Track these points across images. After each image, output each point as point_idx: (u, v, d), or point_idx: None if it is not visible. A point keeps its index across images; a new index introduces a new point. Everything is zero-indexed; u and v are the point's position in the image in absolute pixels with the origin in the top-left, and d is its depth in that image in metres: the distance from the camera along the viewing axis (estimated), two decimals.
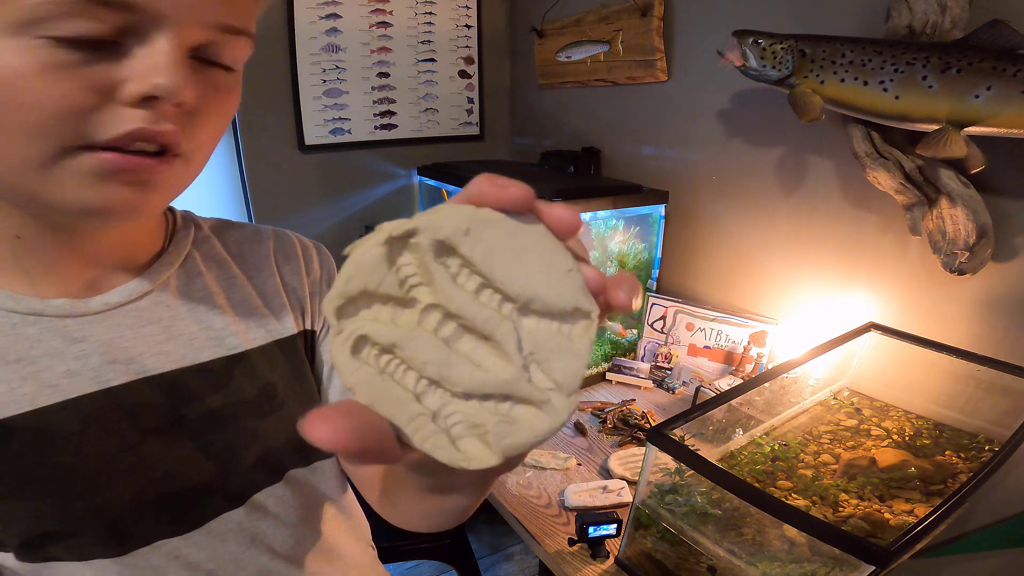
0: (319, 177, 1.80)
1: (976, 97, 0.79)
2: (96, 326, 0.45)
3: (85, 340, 0.44)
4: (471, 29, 1.92)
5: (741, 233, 1.33)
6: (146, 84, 0.35)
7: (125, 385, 0.45)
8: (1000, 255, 0.90)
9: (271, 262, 0.57)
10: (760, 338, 1.28)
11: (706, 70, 1.32)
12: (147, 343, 0.47)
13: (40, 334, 0.43)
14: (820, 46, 0.93)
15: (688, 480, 0.76)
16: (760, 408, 0.93)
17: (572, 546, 0.88)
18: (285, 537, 0.52)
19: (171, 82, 0.35)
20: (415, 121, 1.90)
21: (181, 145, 0.39)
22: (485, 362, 0.23)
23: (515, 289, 0.23)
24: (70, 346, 0.44)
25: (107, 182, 0.37)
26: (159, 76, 0.35)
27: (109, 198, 0.37)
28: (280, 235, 0.59)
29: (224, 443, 0.49)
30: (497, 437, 0.23)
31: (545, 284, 0.23)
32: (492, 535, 1.91)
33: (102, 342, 0.45)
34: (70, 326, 0.44)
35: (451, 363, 0.23)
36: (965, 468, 0.81)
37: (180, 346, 0.48)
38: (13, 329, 0.42)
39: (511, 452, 0.23)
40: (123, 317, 0.46)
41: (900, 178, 0.93)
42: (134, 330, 0.46)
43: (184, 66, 0.36)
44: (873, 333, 1.00)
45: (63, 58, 0.33)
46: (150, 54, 0.35)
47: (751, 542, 0.69)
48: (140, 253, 0.49)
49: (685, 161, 1.43)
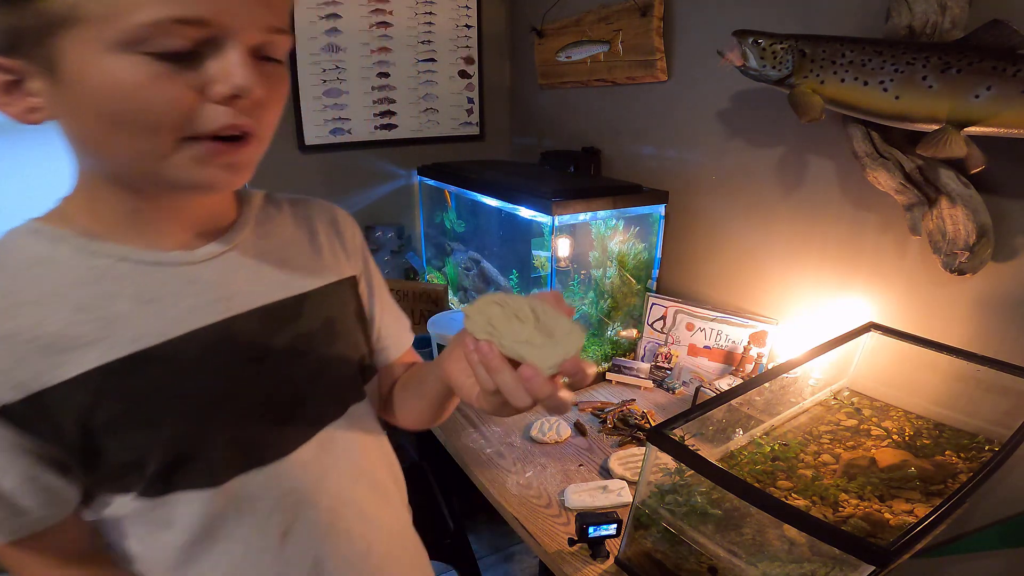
0: (319, 177, 1.80)
1: (976, 97, 0.79)
2: (205, 270, 0.55)
3: (198, 281, 0.54)
4: (471, 29, 1.92)
5: (741, 233, 1.33)
6: (229, 85, 0.44)
7: (230, 319, 0.54)
8: (1000, 255, 0.90)
9: (316, 223, 0.67)
10: (760, 338, 1.28)
11: (706, 70, 1.32)
12: (241, 283, 0.57)
13: (165, 278, 0.52)
14: (820, 46, 0.93)
15: (688, 480, 0.76)
16: (760, 408, 0.93)
17: (572, 546, 0.88)
18: (350, 469, 0.62)
19: (247, 82, 0.44)
20: (415, 121, 1.91)
21: (257, 130, 0.48)
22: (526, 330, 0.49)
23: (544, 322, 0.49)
24: (188, 286, 0.53)
25: (209, 164, 0.47)
26: (237, 78, 0.44)
27: (212, 176, 0.48)
28: (316, 203, 0.70)
29: (302, 371, 0.59)
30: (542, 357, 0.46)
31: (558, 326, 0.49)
32: (492, 535, 1.91)
33: (211, 283, 0.55)
34: (186, 271, 0.54)
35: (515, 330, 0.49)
36: (965, 468, 0.81)
37: (264, 286, 0.58)
38: (144, 276, 0.51)
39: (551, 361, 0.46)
40: (223, 263, 0.56)
41: (900, 178, 0.93)
42: (231, 273, 0.56)
43: (253, 66, 0.45)
44: (873, 333, 1.00)
45: (163, 69, 0.42)
46: (226, 60, 0.44)
47: (751, 542, 0.69)
48: (223, 218, 0.59)
49: (685, 161, 1.43)
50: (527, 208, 1.35)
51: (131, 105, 0.42)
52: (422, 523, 0.73)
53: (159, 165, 0.46)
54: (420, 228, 2.01)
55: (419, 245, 2.02)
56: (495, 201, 1.48)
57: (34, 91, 0.44)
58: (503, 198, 1.44)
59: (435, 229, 1.94)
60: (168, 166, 0.46)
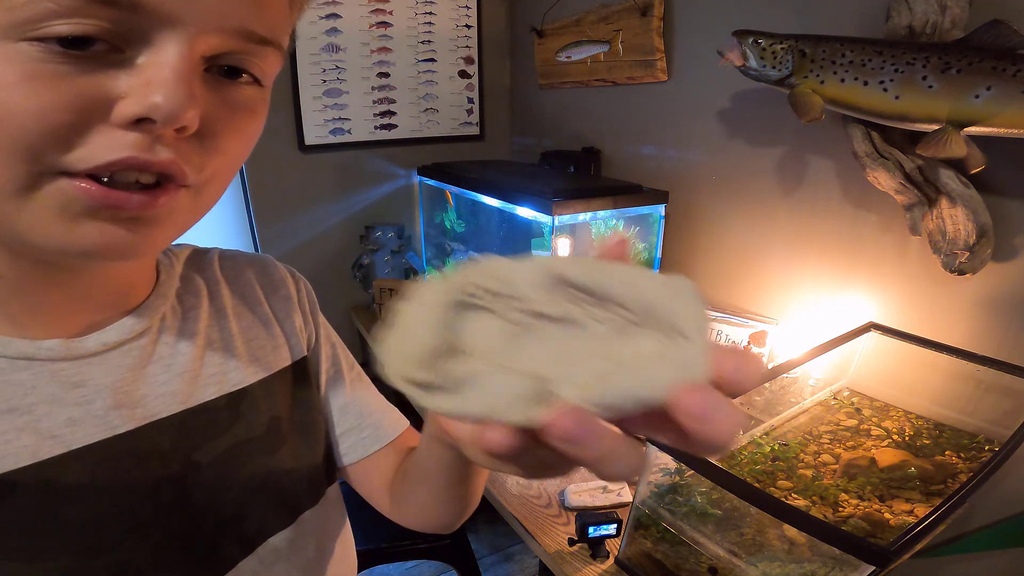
0: (319, 177, 1.80)
1: (976, 97, 0.79)
2: (95, 368, 0.41)
3: (85, 384, 0.40)
4: (471, 29, 1.92)
5: (741, 233, 1.33)
6: (141, 104, 0.29)
7: (135, 431, 0.41)
8: (1000, 255, 0.90)
9: (256, 290, 0.53)
10: (760, 338, 1.27)
11: (706, 70, 1.32)
12: (151, 384, 0.43)
13: (34, 380, 0.38)
14: (820, 46, 0.93)
15: (688, 480, 0.76)
16: (760, 408, 0.93)
17: (572, 546, 0.88)
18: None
19: (170, 102, 0.29)
20: (415, 121, 1.90)
21: (187, 176, 0.33)
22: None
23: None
24: (69, 391, 0.39)
25: (94, 218, 0.31)
26: (157, 93, 0.29)
27: (98, 236, 0.32)
28: (260, 261, 0.55)
29: (239, 485, 0.46)
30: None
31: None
32: (492, 535, 1.91)
33: (104, 386, 0.40)
34: (66, 370, 0.39)
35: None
36: (965, 468, 0.81)
37: (185, 385, 0.44)
38: (2, 376, 0.37)
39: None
40: (124, 358, 0.42)
41: (900, 178, 0.93)
42: (136, 371, 0.42)
43: (189, 82, 0.30)
44: (873, 333, 1.00)
45: (53, 67, 0.28)
46: (153, 64, 0.29)
47: (751, 542, 0.69)
48: (135, 291, 0.45)
49: (685, 161, 1.43)
50: (527, 208, 1.35)
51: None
52: None
53: (12, 209, 0.31)
54: (420, 228, 2.01)
55: (419, 245, 2.02)
56: (495, 201, 1.48)
57: None
58: (503, 198, 1.44)
59: (435, 229, 1.94)
60: (23, 211, 0.31)
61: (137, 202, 0.32)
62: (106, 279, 0.42)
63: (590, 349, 0.23)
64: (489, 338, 0.24)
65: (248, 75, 0.35)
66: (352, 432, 0.56)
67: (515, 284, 0.24)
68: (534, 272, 0.24)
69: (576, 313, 0.24)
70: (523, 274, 0.24)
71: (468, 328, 0.24)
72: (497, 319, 0.24)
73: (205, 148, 0.34)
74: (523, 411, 0.22)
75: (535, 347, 0.23)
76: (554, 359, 0.23)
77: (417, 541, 1.39)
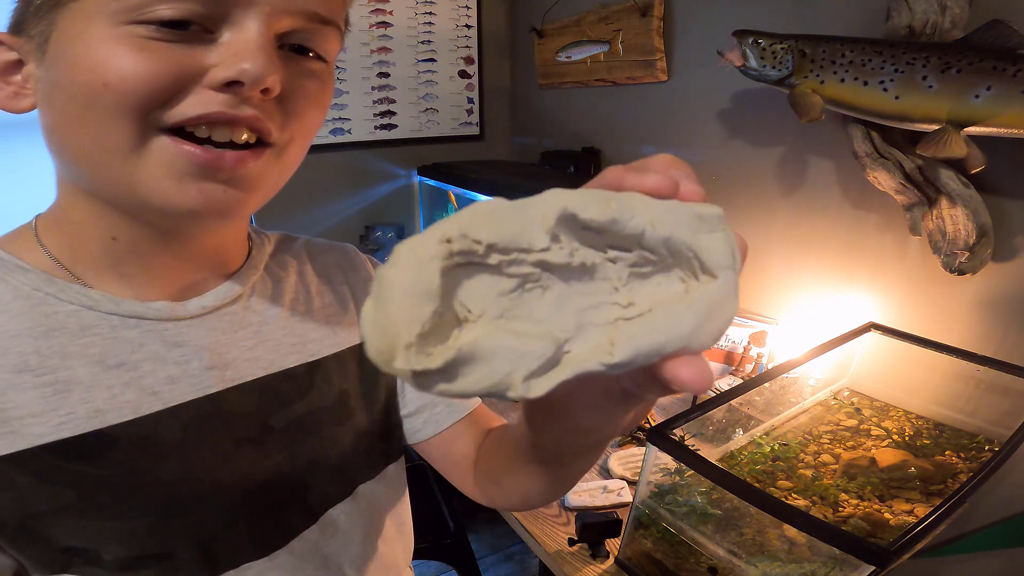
0: (319, 177, 1.80)
1: (976, 97, 0.79)
2: (194, 330, 0.44)
3: (185, 345, 0.43)
4: (471, 29, 1.92)
5: (741, 233, 1.32)
6: (231, 68, 0.34)
7: (223, 392, 0.44)
8: (1000, 255, 0.90)
9: (339, 270, 0.57)
10: (760, 338, 1.27)
11: (706, 70, 1.32)
12: (240, 348, 0.46)
13: (141, 337, 0.42)
14: (820, 46, 0.93)
15: (688, 480, 0.76)
16: (760, 408, 0.93)
17: (572, 546, 0.88)
18: (352, 557, 0.51)
19: (256, 66, 0.34)
20: (415, 121, 1.90)
21: (272, 134, 0.38)
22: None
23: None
24: (171, 351, 0.42)
25: (196, 178, 0.36)
26: (245, 60, 0.34)
27: (199, 195, 0.36)
28: (342, 247, 0.60)
29: (308, 452, 0.48)
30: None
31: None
32: (492, 535, 1.91)
33: (201, 347, 0.43)
34: (170, 330, 0.43)
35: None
36: (965, 468, 0.80)
37: (268, 351, 0.47)
38: (113, 332, 0.41)
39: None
40: (218, 321, 0.45)
41: (900, 178, 0.93)
42: (228, 335, 0.45)
43: (271, 51, 0.35)
44: (873, 333, 1.00)
45: (157, 43, 0.33)
46: (238, 39, 0.35)
47: (751, 542, 0.69)
48: (231, 257, 0.48)
49: (685, 161, 1.43)
50: None
51: (97, 77, 0.33)
52: (422, 523, 0.73)
53: (128, 172, 0.36)
54: (420, 228, 2.01)
55: None
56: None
57: (27, 74, 0.37)
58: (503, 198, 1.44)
59: None
60: (138, 174, 0.36)
61: (231, 158, 0.36)
62: (207, 243, 0.45)
63: (606, 299, 0.21)
64: (491, 300, 0.21)
65: (314, 53, 0.40)
66: (425, 409, 0.57)
67: (519, 233, 0.21)
68: (542, 215, 0.21)
69: (591, 257, 0.21)
70: (528, 219, 0.21)
71: (464, 291, 0.21)
72: (500, 277, 0.21)
73: (286, 111, 0.38)
74: (539, 378, 0.20)
75: (545, 304, 0.21)
76: (566, 315, 0.21)
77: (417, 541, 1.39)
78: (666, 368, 0.20)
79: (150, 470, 0.40)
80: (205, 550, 0.42)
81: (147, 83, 0.33)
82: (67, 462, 0.38)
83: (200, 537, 0.42)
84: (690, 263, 0.21)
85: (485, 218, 0.21)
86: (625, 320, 0.21)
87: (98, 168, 0.37)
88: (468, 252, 0.20)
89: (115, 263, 0.41)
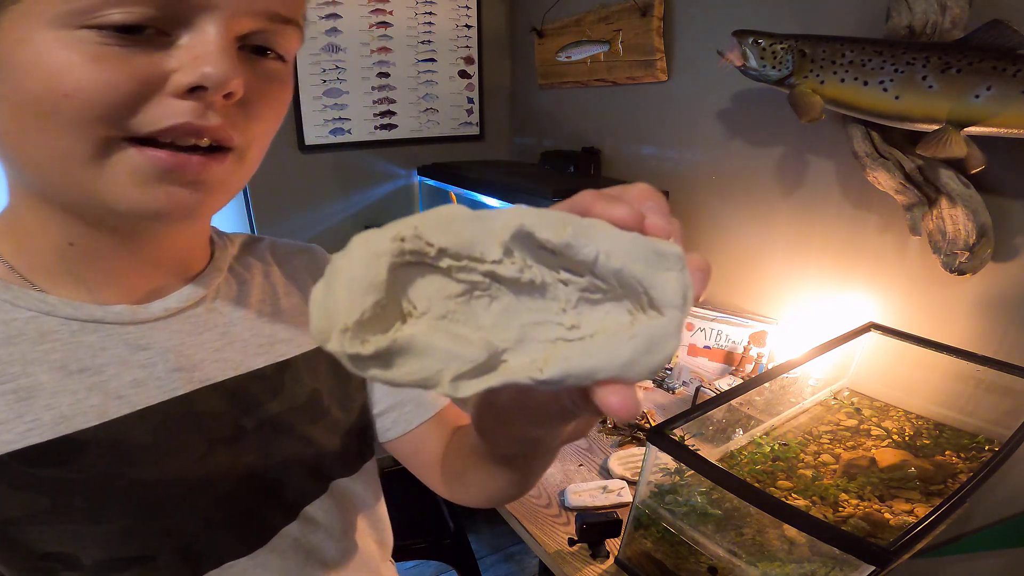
0: (319, 177, 1.80)
1: (976, 97, 0.79)
2: (158, 332, 0.44)
3: (150, 347, 0.43)
4: (471, 29, 1.92)
5: (741, 233, 1.33)
6: (193, 74, 0.33)
7: (191, 394, 0.44)
8: (1000, 255, 0.90)
9: (306, 271, 0.57)
10: (760, 338, 1.27)
11: (706, 70, 1.32)
12: (206, 350, 0.46)
13: (103, 341, 0.41)
14: (820, 46, 0.93)
15: (688, 480, 0.76)
16: (760, 408, 0.93)
17: (572, 546, 0.88)
18: (332, 551, 0.52)
19: (219, 71, 0.34)
20: (415, 121, 1.90)
21: (233, 139, 0.37)
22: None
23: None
24: (135, 353, 0.42)
25: (161, 182, 0.36)
26: (207, 65, 0.33)
27: (165, 198, 0.36)
28: (308, 249, 0.60)
29: (282, 452, 0.48)
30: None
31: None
32: (492, 535, 1.91)
33: (166, 349, 0.44)
34: (132, 333, 0.43)
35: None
36: (965, 468, 0.81)
37: (236, 353, 0.47)
38: (73, 337, 0.40)
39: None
40: (183, 324, 0.45)
41: (900, 178, 0.93)
42: (193, 337, 0.46)
43: (232, 54, 0.35)
44: (873, 333, 1.00)
45: (112, 49, 0.32)
46: (198, 43, 0.34)
47: (751, 542, 0.69)
48: (194, 260, 0.48)
49: (685, 161, 1.43)
50: None
51: (55, 88, 0.32)
52: (422, 523, 0.73)
53: (87, 176, 0.35)
54: None
55: None
56: (495, 201, 1.48)
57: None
58: (503, 198, 1.44)
59: None
60: (99, 179, 0.35)
61: (197, 163, 0.36)
62: (169, 246, 0.45)
63: (552, 318, 0.22)
64: (437, 301, 0.22)
65: (274, 52, 0.39)
66: (395, 408, 0.57)
67: (473, 242, 0.21)
68: (499, 228, 0.21)
69: (543, 276, 0.22)
70: (485, 231, 0.21)
71: (413, 288, 0.22)
72: (449, 280, 0.22)
73: (247, 114, 0.38)
74: (468, 381, 0.21)
75: (491, 313, 0.22)
76: (510, 326, 0.22)
77: (417, 541, 1.39)
78: (596, 393, 0.21)
79: (123, 473, 0.40)
80: (186, 550, 0.42)
81: (108, 93, 0.32)
82: (38, 468, 0.38)
83: (180, 538, 0.42)
84: (639, 297, 0.21)
85: (443, 223, 0.21)
86: (565, 341, 0.22)
87: (54, 175, 0.36)
88: (419, 252, 0.21)
89: (72, 268, 0.41)
